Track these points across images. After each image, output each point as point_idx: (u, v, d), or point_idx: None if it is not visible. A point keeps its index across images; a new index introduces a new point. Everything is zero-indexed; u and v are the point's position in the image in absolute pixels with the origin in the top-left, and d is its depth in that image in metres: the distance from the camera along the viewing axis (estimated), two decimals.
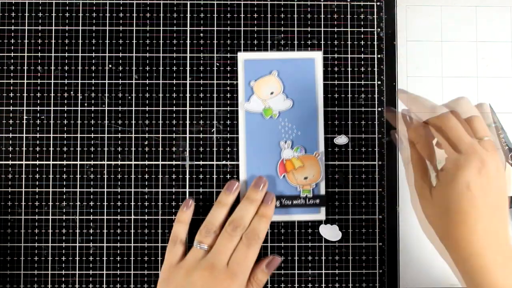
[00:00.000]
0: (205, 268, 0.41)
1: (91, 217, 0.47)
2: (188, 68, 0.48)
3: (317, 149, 0.47)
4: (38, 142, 0.47)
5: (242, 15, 0.48)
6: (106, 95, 0.47)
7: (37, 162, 0.47)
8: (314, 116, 0.47)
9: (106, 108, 0.47)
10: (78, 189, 0.47)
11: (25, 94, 0.47)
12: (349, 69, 0.48)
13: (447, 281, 0.47)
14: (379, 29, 0.48)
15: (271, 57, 0.47)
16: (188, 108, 0.48)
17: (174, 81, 0.48)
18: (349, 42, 0.48)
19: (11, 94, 0.47)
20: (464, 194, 0.38)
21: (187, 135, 0.47)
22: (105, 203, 0.47)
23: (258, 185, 0.45)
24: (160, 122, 0.47)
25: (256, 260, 0.44)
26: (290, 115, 0.47)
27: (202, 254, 0.43)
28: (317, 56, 0.47)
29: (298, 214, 0.47)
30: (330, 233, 0.47)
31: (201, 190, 0.47)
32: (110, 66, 0.48)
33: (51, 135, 0.47)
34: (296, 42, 0.48)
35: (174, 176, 0.47)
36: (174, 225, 0.45)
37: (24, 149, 0.47)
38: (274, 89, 0.47)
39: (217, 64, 0.48)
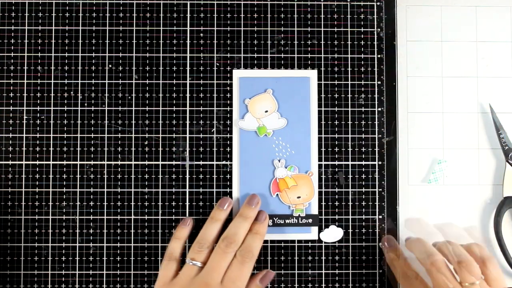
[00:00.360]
0: (199, 286, 0.41)
1: (91, 217, 0.47)
2: (188, 68, 0.48)
3: (310, 168, 0.47)
4: (38, 142, 0.47)
5: (242, 15, 0.48)
6: (106, 95, 0.47)
7: (37, 162, 0.47)
8: (307, 135, 0.47)
9: (106, 108, 0.47)
10: (78, 189, 0.47)
11: (25, 94, 0.47)
12: (349, 69, 0.48)
13: None
14: (379, 29, 0.48)
15: (266, 75, 0.47)
16: (188, 108, 0.48)
17: (174, 81, 0.48)
18: (349, 42, 0.48)
19: (11, 94, 0.47)
20: None
21: (187, 135, 0.47)
22: (105, 203, 0.47)
23: (252, 202, 0.45)
24: (160, 122, 0.47)
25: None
26: (284, 134, 0.47)
27: (196, 271, 0.42)
28: (312, 75, 0.47)
29: (291, 233, 0.47)
30: (331, 235, 0.47)
31: (201, 190, 0.47)
32: (110, 66, 0.48)
33: (51, 135, 0.47)
34: (296, 42, 0.48)
35: (174, 176, 0.47)
36: (171, 241, 0.45)
37: (24, 149, 0.47)
38: (269, 107, 0.47)
39: (217, 64, 0.48)
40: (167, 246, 0.45)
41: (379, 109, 0.48)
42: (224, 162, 0.47)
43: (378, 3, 0.48)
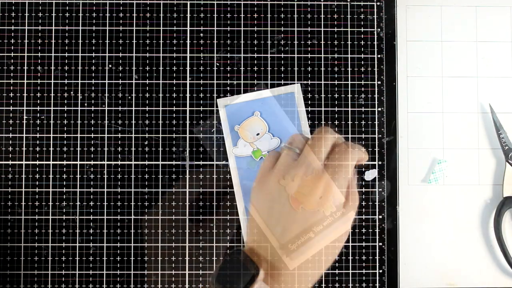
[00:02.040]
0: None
1: (91, 217, 0.47)
2: (188, 68, 0.48)
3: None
4: (38, 142, 0.47)
5: (242, 15, 0.48)
6: (106, 95, 0.47)
7: (37, 162, 0.47)
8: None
9: (106, 108, 0.47)
10: (78, 189, 0.47)
11: (25, 94, 0.47)
12: (349, 69, 0.48)
13: (447, 281, 0.47)
14: (379, 29, 0.48)
15: (250, 98, 0.47)
16: (188, 108, 0.48)
17: (174, 81, 0.48)
18: (349, 42, 0.48)
19: (11, 94, 0.47)
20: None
21: (187, 135, 0.47)
22: (105, 203, 0.47)
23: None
24: (160, 122, 0.47)
25: None
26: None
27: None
28: (296, 89, 0.47)
29: None
30: (371, 174, 0.47)
31: (201, 190, 0.47)
32: (110, 66, 0.48)
33: (51, 135, 0.47)
34: (296, 42, 0.48)
35: (174, 176, 0.47)
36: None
37: (24, 149, 0.47)
38: (260, 129, 0.47)
39: (217, 64, 0.48)
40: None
41: (379, 109, 0.48)
42: (224, 162, 0.47)
43: (378, 3, 0.48)
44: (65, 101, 0.47)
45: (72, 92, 0.47)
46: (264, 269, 0.38)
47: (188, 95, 0.48)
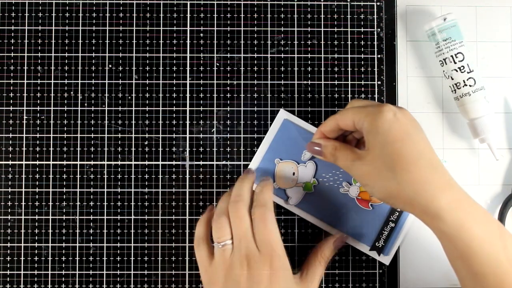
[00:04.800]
0: (240, 263, 0.38)
1: (91, 217, 0.47)
2: (188, 68, 0.48)
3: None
4: (38, 142, 0.47)
5: (242, 15, 0.48)
6: (106, 95, 0.47)
7: (37, 162, 0.47)
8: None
9: (106, 108, 0.47)
10: (78, 189, 0.47)
11: (25, 94, 0.47)
12: (349, 69, 0.48)
13: (447, 281, 0.47)
14: (379, 29, 0.48)
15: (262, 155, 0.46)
16: (188, 108, 0.48)
17: (174, 81, 0.48)
18: (349, 42, 0.48)
19: (11, 94, 0.47)
20: (393, 122, 0.36)
21: (187, 135, 0.47)
22: (105, 203, 0.47)
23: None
24: (160, 122, 0.47)
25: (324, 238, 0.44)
26: (323, 164, 0.46)
27: (229, 250, 0.40)
28: (282, 114, 0.46)
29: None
30: None
31: (201, 190, 0.47)
32: (110, 66, 0.48)
33: (51, 135, 0.47)
34: (296, 42, 0.48)
35: (174, 176, 0.47)
36: (196, 226, 0.43)
37: (24, 149, 0.47)
38: (291, 169, 0.46)
39: (217, 64, 0.48)
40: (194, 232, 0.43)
41: None
42: (224, 162, 0.47)
43: (378, 3, 0.48)
44: (65, 101, 0.47)
45: (72, 92, 0.47)
46: None
47: (188, 95, 0.48)
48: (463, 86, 0.45)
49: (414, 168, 0.36)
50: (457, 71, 0.45)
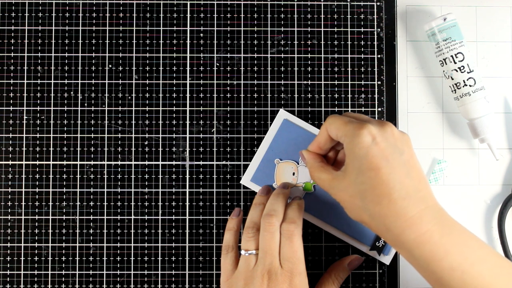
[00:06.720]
0: (261, 276, 0.39)
1: (91, 217, 0.47)
2: (188, 68, 0.48)
3: None
4: (38, 142, 0.47)
5: (242, 15, 0.48)
6: (106, 95, 0.47)
7: (37, 162, 0.47)
8: None
9: (106, 108, 0.47)
10: (78, 189, 0.47)
11: (25, 94, 0.47)
12: (349, 69, 0.48)
13: None
14: (379, 29, 0.48)
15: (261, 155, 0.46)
16: (188, 108, 0.48)
17: (174, 81, 0.48)
18: (349, 42, 0.48)
19: (11, 94, 0.47)
20: (370, 149, 0.36)
21: (187, 135, 0.47)
22: (105, 203, 0.47)
23: (285, 184, 0.46)
24: (160, 122, 0.47)
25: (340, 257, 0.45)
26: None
27: (254, 260, 0.41)
28: (282, 114, 0.46)
29: None
30: None
31: (201, 190, 0.47)
32: (110, 66, 0.48)
33: (51, 135, 0.47)
34: (296, 42, 0.48)
35: (174, 176, 0.47)
36: (225, 234, 0.44)
37: (24, 149, 0.47)
38: (291, 169, 0.46)
39: (217, 64, 0.48)
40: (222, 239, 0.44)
41: (379, 109, 0.48)
42: (224, 162, 0.47)
43: (378, 3, 0.48)
44: (65, 101, 0.47)
45: (72, 92, 0.47)
46: None
47: (188, 95, 0.48)
48: (463, 86, 0.45)
49: (385, 201, 0.35)
50: (457, 71, 0.45)
